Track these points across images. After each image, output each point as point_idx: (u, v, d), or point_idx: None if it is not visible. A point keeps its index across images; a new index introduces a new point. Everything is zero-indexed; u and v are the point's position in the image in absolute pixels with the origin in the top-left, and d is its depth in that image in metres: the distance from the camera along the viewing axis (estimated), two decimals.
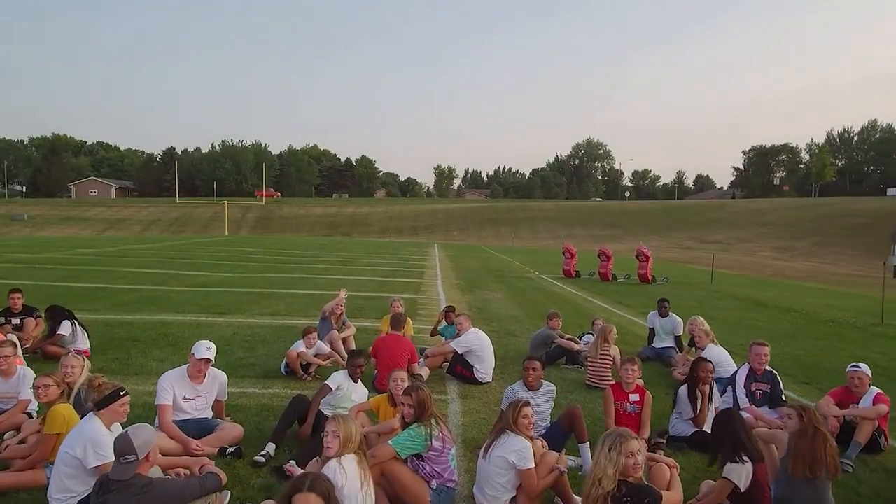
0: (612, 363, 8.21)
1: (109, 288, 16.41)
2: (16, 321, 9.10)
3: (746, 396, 6.78)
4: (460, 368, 8.26)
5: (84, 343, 8.69)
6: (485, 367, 8.26)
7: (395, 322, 7.94)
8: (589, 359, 8.40)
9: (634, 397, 6.11)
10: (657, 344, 10.30)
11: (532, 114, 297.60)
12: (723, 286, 23.90)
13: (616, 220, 78.68)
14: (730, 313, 16.17)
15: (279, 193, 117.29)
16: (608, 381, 8.03)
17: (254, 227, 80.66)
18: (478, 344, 8.29)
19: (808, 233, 59.27)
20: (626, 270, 25.73)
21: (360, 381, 6.31)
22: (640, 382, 6.30)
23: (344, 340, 9.29)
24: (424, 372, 7.97)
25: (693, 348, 9.12)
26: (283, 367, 8.22)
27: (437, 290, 19.36)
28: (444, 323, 10.19)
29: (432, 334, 9.99)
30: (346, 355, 8.32)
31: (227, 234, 70.46)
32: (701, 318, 9.22)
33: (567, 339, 9.62)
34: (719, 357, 8.14)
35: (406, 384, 5.45)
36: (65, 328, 8.53)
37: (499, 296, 18.43)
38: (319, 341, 8.54)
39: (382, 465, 4.50)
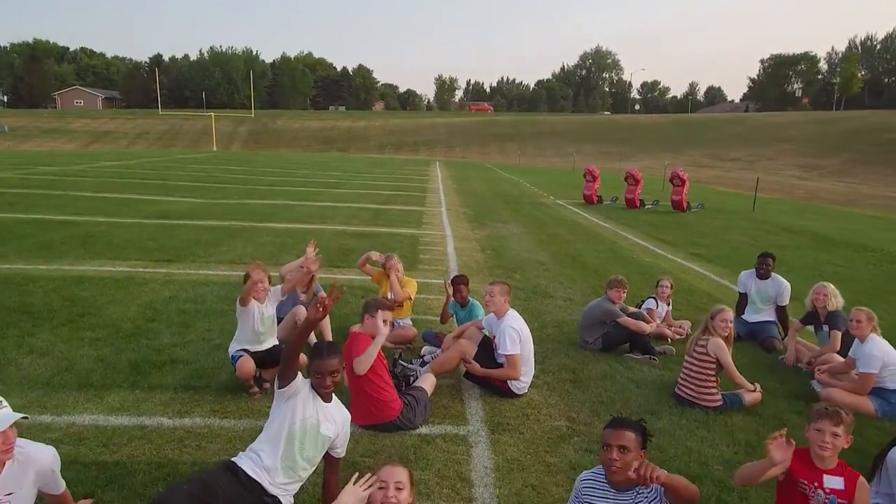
0: (714, 367, 5.32)
1: (42, 221, 13.41)
2: None
3: None
4: (490, 379, 5.39)
5: None
6: (527, 370, 5.39)
7: (366, 307, 4.87)
8: (688, 356, 5.50)
9: (834, 482, 3.23)
10: (750, 316, 7.46)
11: (538, 13, 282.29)
12: (768, 215, 20.89)
13: (627, 135, 74.43)
14: (796, 255, 13.26)
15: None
16: (713, 397, 5.19)
17: (246, 142, 76.58)
18: (526, 334, 5.39)
19: (835, 149, 55.48)
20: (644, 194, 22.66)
21: (333, 398, 3.46)
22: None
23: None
24: (427, 383, 5.07)
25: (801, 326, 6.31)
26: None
27: (442, 222, 16.36)
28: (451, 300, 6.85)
29: (442, 320, 6.95)
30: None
31: (215, 149, 66.62)
32: (832, 288, 6.36)
33: (634, 317, 6.72)
34: (890, 356, 5.33)
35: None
36: None
37: (515, 230, 15.47)
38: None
39: None
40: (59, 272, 8.95)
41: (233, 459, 3.24)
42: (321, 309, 3.05)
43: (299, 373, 3.32)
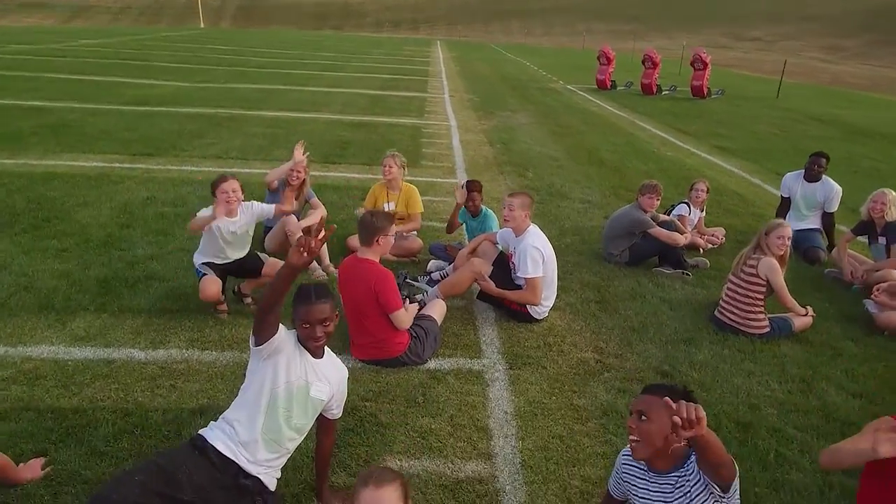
0: (764, 290, 4.63)
1: (9, 108, 12.33)
2: None
3: None
4: (507, 301, 4.72)
5: None
6: (549, 294, 4.71)
7: (363, 231, 4.10)
8: (733, 276, 4.80)
9: None
10: (792, 223, 6.52)
11: None
12: (793, 101, 19.62)
13: (638, 11, 70.17)
14: (826, 147, 12.25)
15: None
16: (760, 323, 4.55)
17: (235, 18, 72.46)
18: (549, 253, 4.67)
19: (859, 29, 52.35)
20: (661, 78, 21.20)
21: (326, 351, 2.80)
22: None
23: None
24: (437, 310, 4.40)
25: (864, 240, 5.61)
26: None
27: (446, 110, 15.22)
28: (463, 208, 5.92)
29: (450, 230, 6.12)
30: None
31: (202, 25, 62.98)
32: (894, 195, 5.59)
33: (666, 226, 5.97)
34: None
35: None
36: None
37: (524, 120, 14.40)
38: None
39: None
40: (27, 168, 8.12)
41: (201, 433, 2.60)
42: (305, 253, 2.27)
43: (281, 325, 2.60)
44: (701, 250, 6.47)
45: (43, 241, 5.74)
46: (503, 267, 4.83)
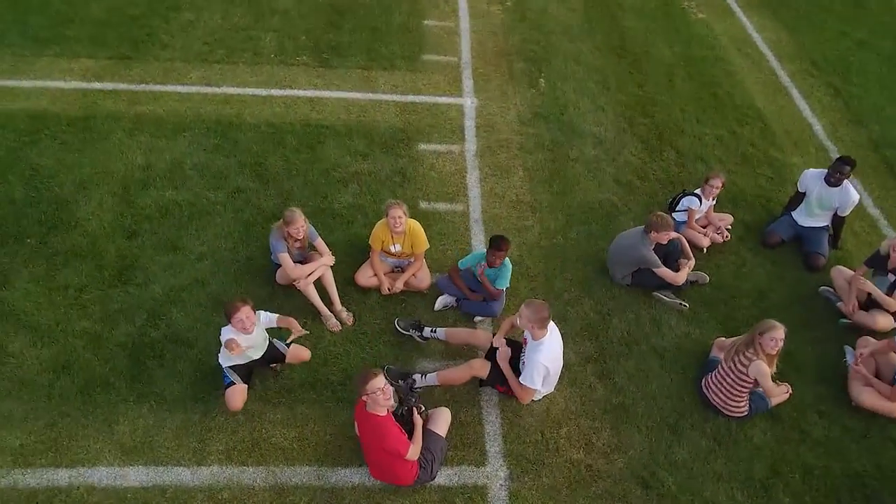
0: (751, 385, 5.03)
1: None
2: None
3: None
4: (501, 387, 5.14)
5: None
6: (549, 388, 5.13)
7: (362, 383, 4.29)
8: (725, 363, 5.15)
9: None
10: (802, 218, 6.67)
11: None
12: None
13: None
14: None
15: None
16: (740, 408, 5.06)
17: None
18: (557, 365, 4.96)
19: None
20: None
21: None
22: None
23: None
24: (442, 424, 4.73)
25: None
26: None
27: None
28: (485, 265, 5.66)
29: (450, 274, 5.94)
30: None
31: None
32: None
33: (672, 245, 6.00)
34: None
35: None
36: None
37: None
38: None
39: None
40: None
41: None
42: None
43: None
44: (705, 250, 6.56)
45: (58, 272, 5.84)
46: (515, 348, 5.10)
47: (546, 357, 4.72)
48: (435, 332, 5.38)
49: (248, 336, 4.65)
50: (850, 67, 9.55)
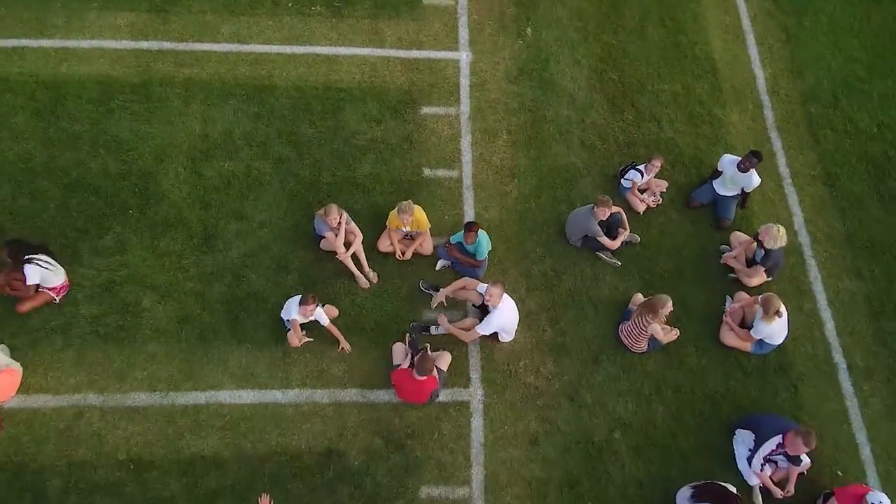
0: (649, 337, 7.53)
1: None
2: None
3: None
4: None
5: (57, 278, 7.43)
6: (508, 335, 7.62)
7: (421, 366, 6.73)
8: (634, 320, 7.51)
9: None
10: (719, 187, 8.64)
11: None
12: None
13: None
14: None
15: None
16: (642, 347, 7.60)
17: None
18: (510, 326, 7.40)
19: None
20: None
21: None
22: None
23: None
24: (444, 363, 7.21)
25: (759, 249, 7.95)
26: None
27: None
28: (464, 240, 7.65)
29: (446, 245, 7.95)
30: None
31: None
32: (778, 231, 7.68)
33: (614, 222, 8.09)
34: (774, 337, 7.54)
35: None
36: (32, 276, 7.13)
37: None
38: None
39: None
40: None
41: None
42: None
43: None
44: (641, 212, 8.65)
45: (160, 240, 7.99)
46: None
47: (498, 319, 7.07)
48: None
49: (305, 318, 6.99)
50: (808, 7, 10.61)
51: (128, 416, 6.99)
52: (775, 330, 7.37)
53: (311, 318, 6.97)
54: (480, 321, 7.21)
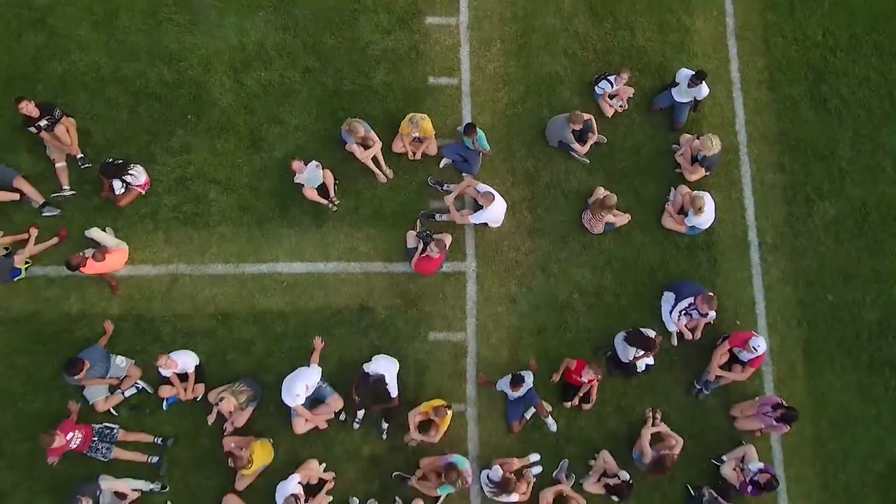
0: (603, 222, 9.76)
1: None
2: (44, 122, 9.20)
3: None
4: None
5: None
6: (496, 223, 9.77)
7: (433, 247, 9.01)
8: (590, 212, 9.67)
9: None
10: (676, 96, 10.28)
11: None
12: None
13: None
14: None
15: None
16: (601, 229, 9.78)
17: None
18: (497, 219, 9.56)
19: None
20: None
21: None
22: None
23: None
24: (447, 240, 9.48)
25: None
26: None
27: None
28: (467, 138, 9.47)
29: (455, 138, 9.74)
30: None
31: None
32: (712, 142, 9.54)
33: (587, 125, 9.86)
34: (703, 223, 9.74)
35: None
36: (119, 187, 9.20)
37: None
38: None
39: None
40: None
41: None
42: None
43: None
44: (610, 116, 10.47)
45: (216, 142, 9.90)
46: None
47: (487, 215, 9.18)
48: (448, 187, 9.76)
49: (301, 175, 9.08)
50: None
51: (211, 282, 9.37)
52: (702, 220, 9.55)
53: (304, 178, 9.10)
54: (474, 212, 9.36)
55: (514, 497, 8.09)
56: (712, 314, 9.21)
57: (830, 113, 10.63)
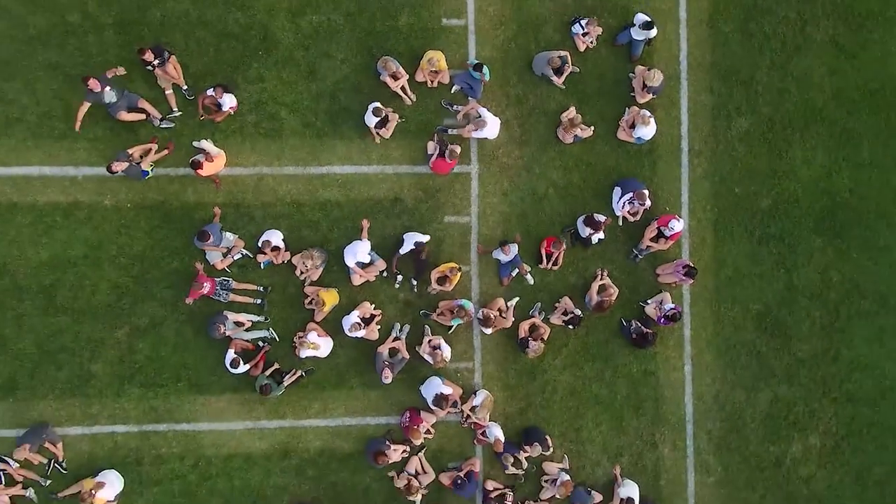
0: (572, 137, 13.33)
1: None
2: (157, 62, 12.45)
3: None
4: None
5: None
6: (493, 134, 13.25)
7: (450, 154, 12.60)
8: (562, 130, 13.26)
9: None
10: (634, 34, 13.37)
11: None
12: None
13: None
14: None
15: None
16: (571, 138, 13.45)
17: None
18: (492, 134, 13.03)
19: None
20: None
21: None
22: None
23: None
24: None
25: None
26: None
27: None
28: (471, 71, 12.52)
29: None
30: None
31: None
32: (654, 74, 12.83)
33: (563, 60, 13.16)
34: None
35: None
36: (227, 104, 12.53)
37: None
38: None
39: None
40: None
41: None
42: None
43: None
44: (583, 50, 13.62)
45: (283, 73, 13.20)
46: None
47: (486, 132, 12.66)
48: (457, 108, 13.14)
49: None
50: None
51: (286, 180, 12.97)
52: (646, 132, 13.01)
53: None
54: (476, 129, 12.85)
55: (489, 330, 12.37)
56: (648, 203, 12.93)
57: (754, 46, 13.70)
